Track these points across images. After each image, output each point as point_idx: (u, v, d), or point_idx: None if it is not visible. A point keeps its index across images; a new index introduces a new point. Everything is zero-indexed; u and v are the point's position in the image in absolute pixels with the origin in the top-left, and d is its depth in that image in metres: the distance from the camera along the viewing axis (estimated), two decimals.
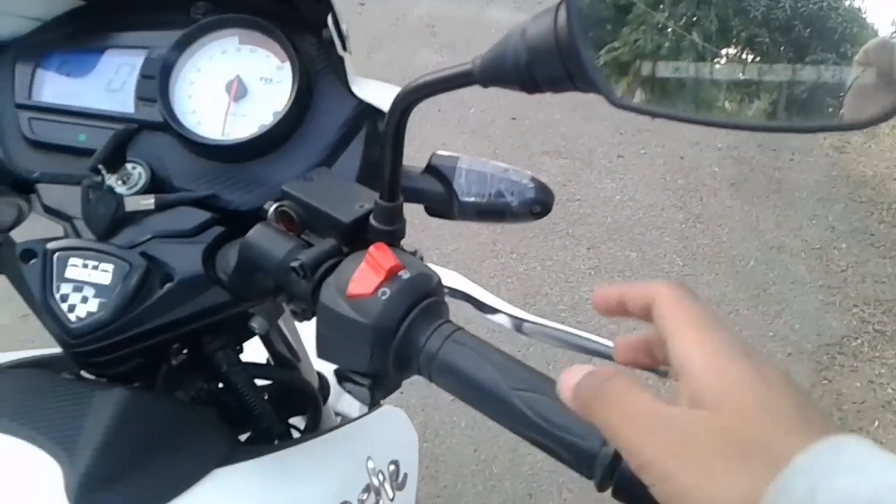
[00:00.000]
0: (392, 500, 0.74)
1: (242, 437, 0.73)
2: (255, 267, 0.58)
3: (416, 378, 0.51)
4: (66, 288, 0.59)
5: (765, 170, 2.94)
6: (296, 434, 0.86)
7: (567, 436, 0.42)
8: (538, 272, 2.44)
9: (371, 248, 0.51)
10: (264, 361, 0.87)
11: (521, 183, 0.68)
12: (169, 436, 0.57)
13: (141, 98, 0.68)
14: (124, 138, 0.64)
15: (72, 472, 0.51)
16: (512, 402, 0.44)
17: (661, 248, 2.56)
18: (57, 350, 0.79)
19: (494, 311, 0.66)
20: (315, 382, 0.92)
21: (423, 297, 0.50)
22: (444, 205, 0.68)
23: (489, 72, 0.44)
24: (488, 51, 0.44)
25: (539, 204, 0.68)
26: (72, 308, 0.59)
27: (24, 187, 0.69)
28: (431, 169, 0.68)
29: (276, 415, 0.74)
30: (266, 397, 0.74)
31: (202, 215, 0.64)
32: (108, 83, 0.70)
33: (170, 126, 0.66)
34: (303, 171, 0.64)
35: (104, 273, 0.60)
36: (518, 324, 0.67)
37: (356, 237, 0.55)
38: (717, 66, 0.41)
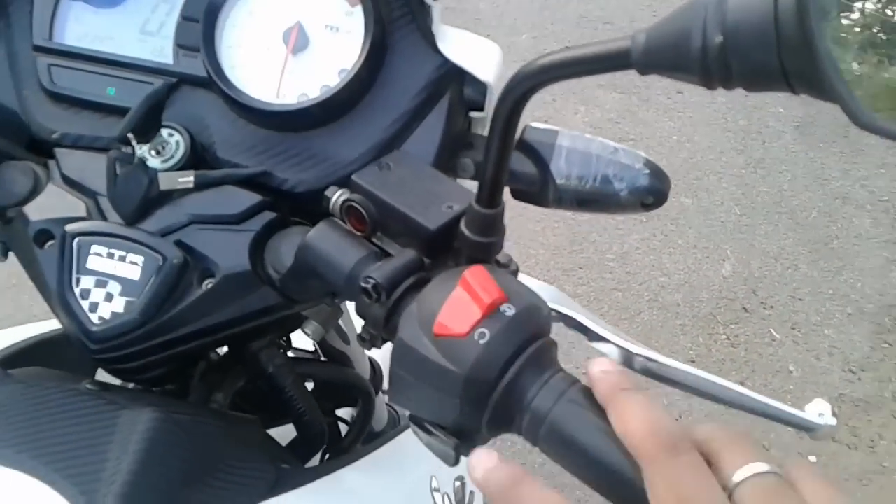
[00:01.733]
0: None
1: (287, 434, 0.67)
2: (315, 274, 0.48)
3: None
4: (87, 281, 0.51)
5: (833, 112, 2.70)
6: (343, 428, 0.81)
7: None
8: (585, 218, 2.33)
9: (467, 273, 0.40)
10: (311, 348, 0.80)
11: (634, 167, 0.55)
12: (208, 466, 0.50)
13: (181, 46, 0.57)
14: (160, 100, 0.54)
15: None
16: (640, 490, 0.34)
17: (718, 194, 2.43)
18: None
19: (601, 339, 0.53)
20: (367, 372, 0.86)
21: (531, 341, 0.40)
22: (537, 188, 0.57)
23: (657, 54, 0.33)
24: (656, 25, 0.33)
25: (653, 194, 0.56)
26: (94, 307, 0.51)
27: (42, 149, 0.58)
28: (524, 145, 0.57)
29: (323, 411, 0.68)
30: (313, 392, 0.68)
31: (250, 197, 0.54)
32: (143, 24, 0.58)
33: (214, 83, 0.55)
34: (373, 145, 0.54)
35: (133, 266, 0.51)
36: (629, 357, 0.53)
37: (441, 247, 0.45)
38: None
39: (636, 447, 0.34)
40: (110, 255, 0.51)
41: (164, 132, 0.54)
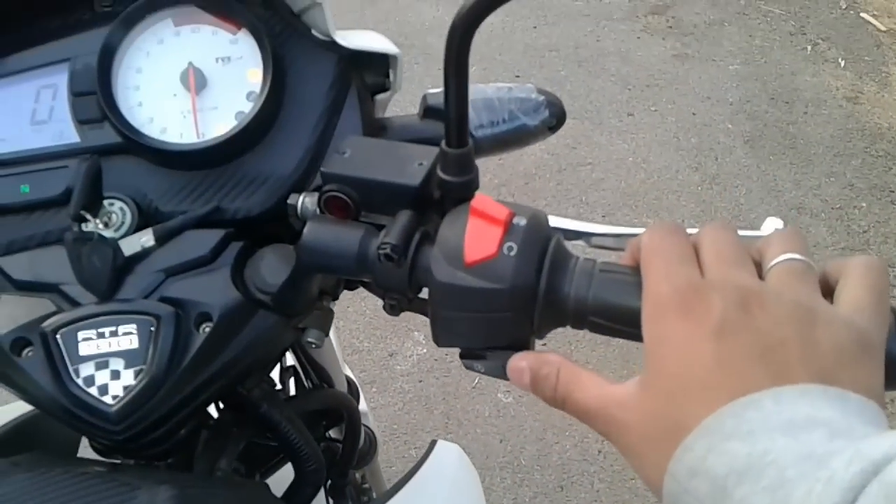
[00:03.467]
0: None
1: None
2: (321, 270, 0.50)
3: (433, 365, 0.43)
4: (87, 368, 0.49)
5: (779, 125, 2.83)
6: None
7: None
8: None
9: (473, 203, 0.43)
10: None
11: (531, 99, 0.62)
12: None
13: (83, 121, 0.56)
14: (98, 171, 0.52)
15: None
16: None
17: (678, 212, 2.46)
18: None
19: (597, 234, 0.59)
20: (344, 387, 0.86)
21: (548, 240, 0.43)
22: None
23: None
24: None
25: (554, 116, 0.64)
26: (103, 389, 0.49)
27: None
28: (431, 111, 0.61)
29: (315, 438, 0.67)
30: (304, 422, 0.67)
31: (214, 234, 0.54)
32: (31, 115, 0.57)
33: (132, 144, 0.55)
34: (304, 153, 0.56)
35: (128, 336, 0.50)
36: (623, 241, 0.59)
37: (426, 201, 0.47)
38: None
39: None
40: (101, 335, 0.50)
41: (105, 203, 0.54)
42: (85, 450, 0.61)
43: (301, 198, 0.52)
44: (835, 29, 3.30)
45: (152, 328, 0.50)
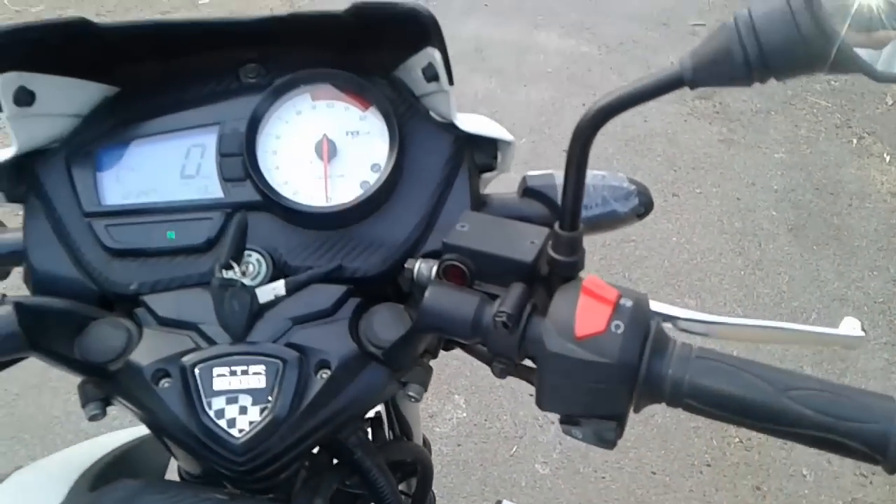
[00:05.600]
0: None
1: None
2: (438, 331, 0.54)
3: (472, 430, 0.46)
4: (218, 402, 0.54)
5: (823, 215, 2.86)
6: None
7: (854, 424, 0.42)
8: None
9: (585, 283, 0.49)
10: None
11: (623, 187, 0.68)
12: None
13: (228, 179, 0.63)
14: (245, 227, 0.58)
15: None
16: (787, 405, 0.44)
17: (720, 296, 2.48)
18: (137, 431, 0.74)
19: (687, 319, 0.62)
20: (421, 442, 0.90)
21: (650, 322, 0.48)
22: (550, 225, 0.66)
23: (706, 70, 0.43)
24: (697, 49, 0.43)
25: (644, 205, 0.69)
26: (231, 423, 0.54)
27: (111, 304, 0.62)
28: (530, 192, 0.67)
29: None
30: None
31: (337, 290, 0.60)
32: (180, 170, 0.64)
33: (269, 202, 0.62)
34: (418, 222, 0.63)
35: (256, 376, 0.55)
36: (702, 326, 0.63)
37: (535, 275, 0.53)
38: None
39: None
40: (233, 373, 0.55)
41: (245, 254, 0.61)
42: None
43: (417, 263, 0.58)
44: (881, 124, 3.35)
45: (278, 370, 0.55)
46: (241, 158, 0.62)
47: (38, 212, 0.62)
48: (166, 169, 0.64)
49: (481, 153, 0.67)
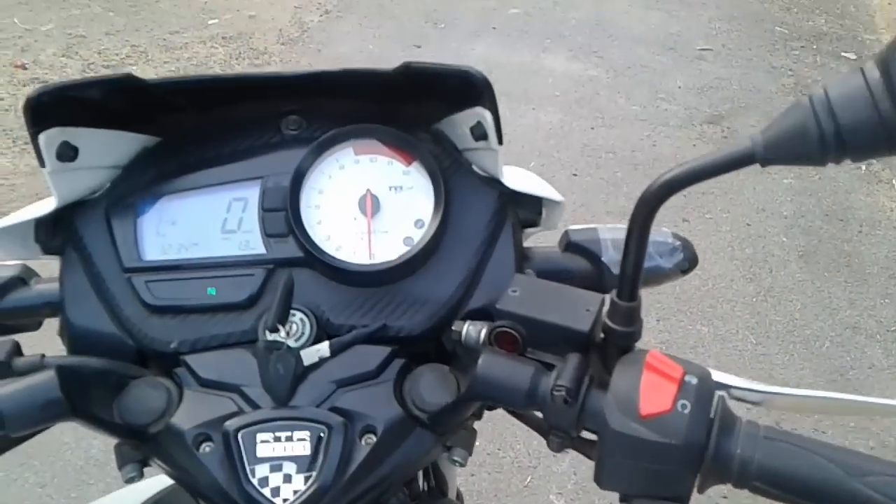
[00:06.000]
0: None
1: None
2: (491, 400, 0.52)
3: (485, 459, 0.44)
4: (262, 469, 0.52)
5: (833, 241, 2.86)
6: None
7: None
8: None
9: (649, 358, 0.47)
10: None
11: (667, 243, 0.67)
12: None
13: (270, 234, 0.61)
14: (291, 287, 0.56)
15: None
16: (862, 492, 0.42)
17: (732, 323, 2.47)
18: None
19: (742, 389, 0.60)
20: (454, 497, 0.89)
21: (714, 399, 0.46)
22: (594, 281, 0.64)
23: (779, 148, 0.42)
24: (769, 127, 0.42)
25: (688, 260, 0.68)
26: (275, 492, 0.52)
27: (147, 362, 0.60)
28: (573, 246, 0.66)
29: None
30: None
31: (381, 351, 0.58)
32: (222, 224, 0.62)
33: (312, 259, 0.60)
34: (462, 279, 0.61)
35: (301, 442, 0.53)
36: (762, 397, 0.60)
37: (590, 345, 0.51)
38: None
39: None
40: (277, 439, 0.53)
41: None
42: None
43: (466, 326, 0.55)
44: None
45: (323, 436, 0.53)
46: (283, 214, 0.61)
47: (75, 265, 0.61)
48: (207, 223, 0.62)
49: (526, 209, 0.65)
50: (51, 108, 0.56)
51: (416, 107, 0.64)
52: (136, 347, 0.60)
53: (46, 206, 0.60)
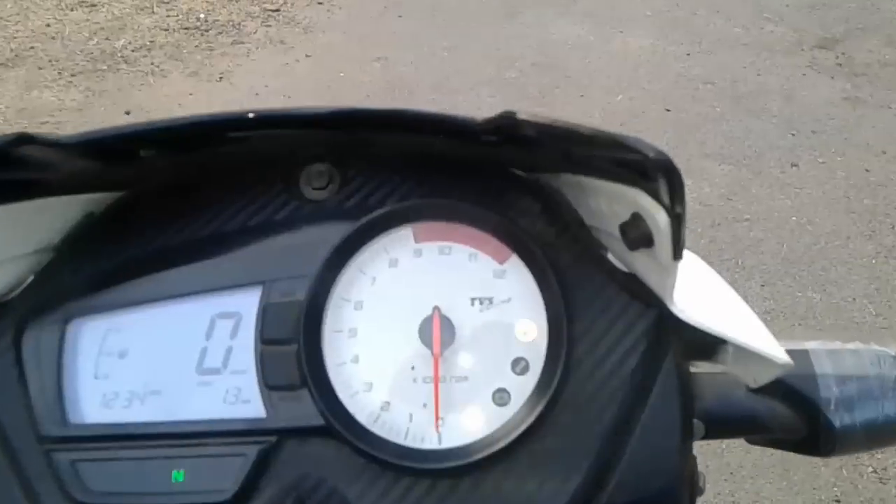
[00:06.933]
0: None
1: None
2: None
3: None
4: None
5: None
6: None
7: None
8: None
9: None
10: None
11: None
12: None
13: (273, 386, 0.39)
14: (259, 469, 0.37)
15: None
16: None
17: (848, 289, 2.18)
18: None
19: None
20: None
21: None
22: (801, 437, 0.44)
23: None
24: None
25: None
26: None
27: None
28: (784, 392, 0.43)
29: None
30: None
31: None
32: (198, 361, 0.40)
33: (339, 433, 0.38)
34: (589, 461, 0.38)
35: None
36: None
37: None
38: None
39: None
40: None
41: None
42: None
43: None
44: None
45: None
46: (294, 349, 0.39)
47: None
48: (175, 357, 0.40)
49: (693, 333, 0.41)
50: None
51: (515, 150, 0.39)
52: None
53: None
